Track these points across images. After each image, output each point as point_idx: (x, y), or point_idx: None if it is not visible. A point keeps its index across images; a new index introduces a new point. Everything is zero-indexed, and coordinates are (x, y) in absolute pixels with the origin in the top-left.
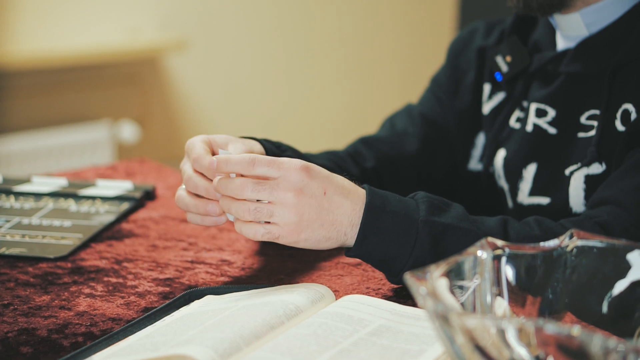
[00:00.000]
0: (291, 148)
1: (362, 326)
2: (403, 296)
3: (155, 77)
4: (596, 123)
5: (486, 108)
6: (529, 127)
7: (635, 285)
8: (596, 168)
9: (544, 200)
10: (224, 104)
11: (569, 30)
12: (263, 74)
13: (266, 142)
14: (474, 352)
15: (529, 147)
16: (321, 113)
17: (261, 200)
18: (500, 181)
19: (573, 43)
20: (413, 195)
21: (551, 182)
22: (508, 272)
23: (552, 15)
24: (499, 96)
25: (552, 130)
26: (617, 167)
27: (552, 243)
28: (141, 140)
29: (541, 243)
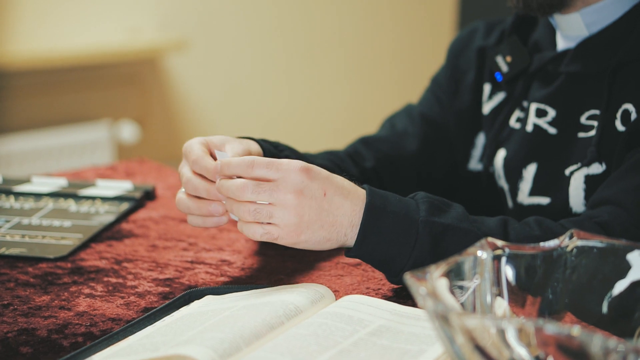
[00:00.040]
0: (289, 148)
1: (362, 326)
2: (403, 296)
3: (155, 77)
4: (596, 123)
5: (486, 108)
6: (529, 127)
7: (635, 285)
8: (596, 168)
9: (544, 200)
10: (224, 104)
11: (569, 30)
12: (263, 74)
13: (264, 142)
14: (474, 352)
15: (529, 147)
16: (321, 113)
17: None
18: (500, 181)
19: (573, 43)
20: (413, 195)
21: (551, 182)
22: (508, 272)
23: (552, 15)
24: (499, 96)
25: (552, 130)
26: (617, 167)
27: (552, 243)
28: (141, 140)
29: (541, 243)
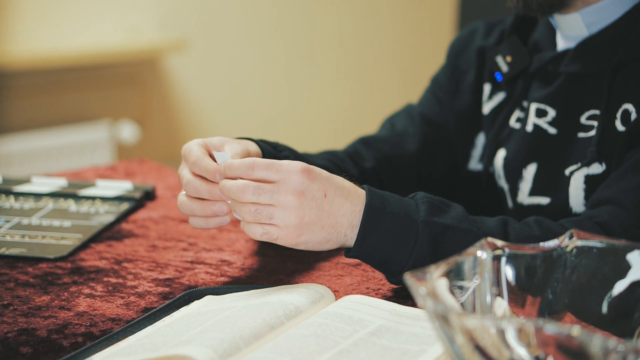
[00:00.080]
0: (288, 148)
1: (362, 326)
2: (403, 296)
3: (155, 77)
4: (596, 123)
5: (486, 108)
6: (529, 127)
7: (635, 285)
8: (596, 168)
9: (544, 200)
10: (224, 104)
11: (569, 30)
12: (263, 74)
13: (262, 143)
14: (474, 352)
15: (529, 147)
16: (321, 113)
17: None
18: (500, 181)
19: (573, 43)
20: (413, 195)
21: (551, 182)
22: (508, 273)
23: (552, 15)
24: (499, 96)
25: (552, 130)
26: (617, 167)
27: (552, 243)
28: (141, 140)
29: (541, 243)
